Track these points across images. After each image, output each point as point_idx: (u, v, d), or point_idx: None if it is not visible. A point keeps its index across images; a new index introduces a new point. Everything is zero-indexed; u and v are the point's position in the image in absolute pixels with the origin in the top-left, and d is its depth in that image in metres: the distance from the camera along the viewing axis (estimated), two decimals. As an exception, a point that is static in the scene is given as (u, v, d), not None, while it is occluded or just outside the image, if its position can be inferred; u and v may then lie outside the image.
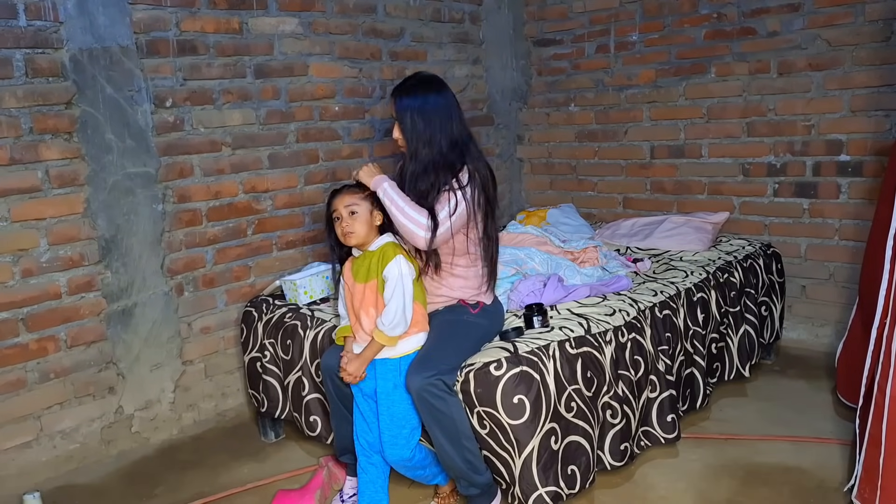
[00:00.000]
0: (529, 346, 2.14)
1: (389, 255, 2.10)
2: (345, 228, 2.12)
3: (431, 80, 2.24)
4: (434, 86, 2.22)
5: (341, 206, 2.13)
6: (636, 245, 3.35)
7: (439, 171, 2.15)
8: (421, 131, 2.16)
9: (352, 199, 2.13)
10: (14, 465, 2.52)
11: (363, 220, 2.13)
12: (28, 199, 2.47)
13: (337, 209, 2.14)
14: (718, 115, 3.55)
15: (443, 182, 2.14)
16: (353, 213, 2.12)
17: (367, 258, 2.14)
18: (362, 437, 2.19)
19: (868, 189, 3.16)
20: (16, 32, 2.38)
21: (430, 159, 2.16)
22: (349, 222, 2.12)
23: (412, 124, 2.17)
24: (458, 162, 2.17)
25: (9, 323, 2.47)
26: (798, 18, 3.23)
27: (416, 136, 2.17)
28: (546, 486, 2.05)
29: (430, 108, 2.17)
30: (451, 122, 2.19)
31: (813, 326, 3.45)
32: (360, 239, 2.13)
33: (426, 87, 2.21)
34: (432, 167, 2.15)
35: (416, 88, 2.20)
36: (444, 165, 2.15)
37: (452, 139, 2.18)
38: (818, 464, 2.41)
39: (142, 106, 2.70)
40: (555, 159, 4.26)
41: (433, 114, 2.17)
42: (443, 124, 2.17)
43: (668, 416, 2.47)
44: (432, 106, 2.17)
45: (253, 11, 2.99)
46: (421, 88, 2.20)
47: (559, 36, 4.10)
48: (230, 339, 3.09)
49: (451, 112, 2.21)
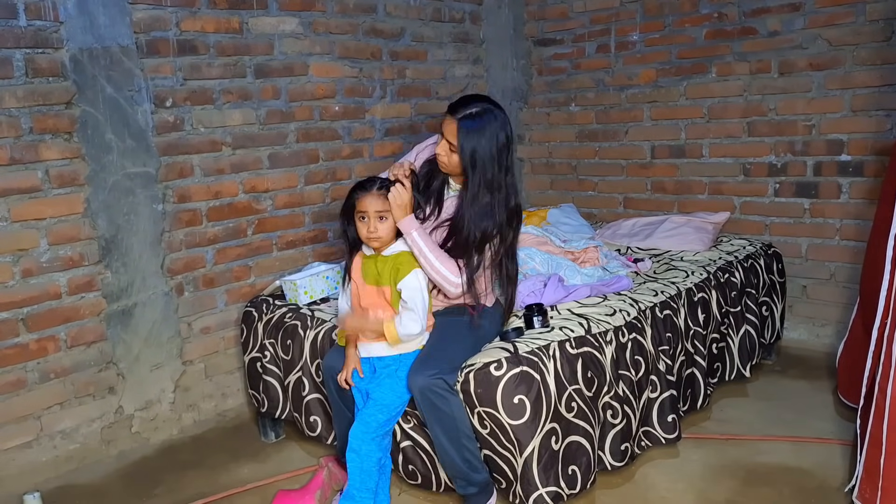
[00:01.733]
0: (530, 346, 2.13)
1: (406, 268, 2.07)
2: (371, 234, 2.08)
3: (497, 109, 2.13)
4: (499, 117, 2.11)
5: (371, 210, 2.07)
6: (637, 245, 3.34)
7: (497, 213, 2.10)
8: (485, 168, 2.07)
9: (384, 206, 2.07)
10: (14, 465, 2.52)
11: (391, 227, 2.10)
12: (28, 199, 2.47)
13: (367, 211, 2.07)
14: (719, 114, 3.55)
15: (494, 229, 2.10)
16: (383, 218, 2.08)
17: (381, 262, 2.13)
18: None
19: (869, 189, 3.16)
20: (16, 32, 2.38)
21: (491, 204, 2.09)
22: (377, 226, 2.07)
23: (475, 156, 2.07)
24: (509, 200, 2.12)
25: (9, 323, 2.46)
26: (799, 18, 3.23)
27: (480, 171, 2.08)
28: (547, 486, 2.05)
29: (494, 143, 2.08)
30: (507, 159, 2.12)
31: (814, 326, 3.45)
32: (384, 244, 2.11)
33: (492, 117, 2.09)
34: (492, 212, 2.09)
35: (483, 116, 2.08)
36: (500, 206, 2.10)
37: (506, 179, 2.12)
38: (819, 464, 2.41)
39: (142, 106, 2.70)
40: (555, 159, 4.26)
41: (495, 149, 2.08)
42: (500, 161, 2.09)
43: (668, 417, 2.47)
44: (496, 140, 2.08)
45: (253, 11, 2.98)
46: (487, 117, 2.08)
47: (560, 35, 4.09)
48: (230, 339, 3.09)
49: (507, 147, 2.12)
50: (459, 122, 2.09)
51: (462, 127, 2.08)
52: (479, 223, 2.10)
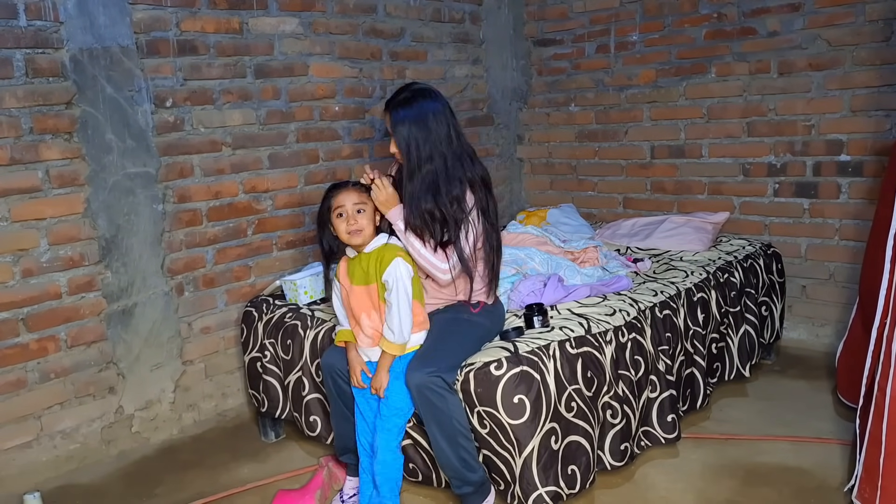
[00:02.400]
0: (530, 345, 2.14)
1: (388, 257, 2.08)
2: (352, 227, 2.08)
3: (425, 91, 2.18)
4: (429, 96, 2.16)
5: (349, 204, 2.08)
6: (636, 245, 3.34)
7: (440, 188, 2.10)
8: (420, 146, 2.11)
9: (360, 198, 2.10)
10: (14, 464, 2.52)
11: (370, 219, 2.11)
12: (28, 199, 2.47)
13: (343, 206, 2.09)
14: (719, 115, 3.55)
15: (446, 202, 2.09)
16: (361, 211, 2.10)
17: (364, 260, 2.13)
18: (363, 437, 2.19)
19: (868, 189, 3.16)
20: (16, 32, 2.38)
21: (431, 178, 2.11)
22: (357, 220, 2.08)
23: (409, 139, 2.12)
24: (459, 175, 2.13)
25: (9, 323, 2.47)
26: (798, 18, 3.23)
27: (415, 151, 2.11)
28: (546, 486, 2.05)
29: (427, 122, 2.11)
30: (449, 134, 2.14)
31: (813, 326, 3.45)
32: (366, 238, 2.11)
33: (421, 99, 2.14)
34: (434, 185, 2.10)
35: (411, 101, 2.14)
36: (445, 181, 2.11)
37: (452, 152, 2.14)
38: (818, 464, 2.41)
39: (142, 106, 2.70)
40: (555, 159, 4.26)
41: (430, 127, 2.11)
42: (440, 137, 2.12)
43: (668, 416, 2.47)
44: (429, 119, 2.12)
45: (253, 11, 2.99)
46: (415, 100, 2.14)
47: (559, 36, 4.10)
48: (230, 339, 3.09)
49: (449, 122, 2.15)
50: (391, 112, 2.16)
51: (393, 116, 2.15)
52: (420, 198, 2.10)
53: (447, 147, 2.13)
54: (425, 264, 2.13)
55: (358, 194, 2.11)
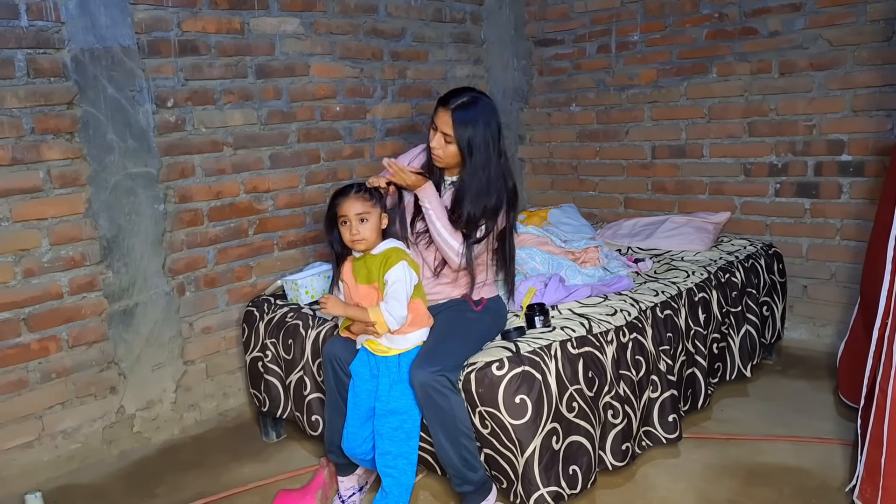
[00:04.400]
0: (531, 345, 2.14)
1: (394, 259, 2.09)
2: (354, 236, 2.09)
3: (486, 97, 2.25)
4: (489, 104, 2.23)
5: (352, 214, 2.09)
6: (637, 245, 3.34)
7: (490, 195, 2.18)
8: (480, 150, 2.17)
9: (363, 207, 2.10)
10: (16, 464, 2.52)
11: (373, 227, 2.11)
12: (30, 200, 2.47)
13: (346, 215, 2.10)
14: (720, 115, 3.55)
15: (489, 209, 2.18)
16: (364, 220, 2.09)
17: (370, 260, 2.14)
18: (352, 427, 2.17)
19: (869, 189, 3.16)
20: (17, 32, 2.38)
21: (487, 182, 2.18)
22: (359, 229, 2.09)
23: (472, 141, 2.17)
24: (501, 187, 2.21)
25: (10, 323, 2.47)
26: (799, 18, 3.23)
27: (476, 154, 2.17)
28: (547, 486, 2.05)
29: (486, 128, 2.18)
30: (499, 145, 2.22)
31: (814, 326, 3.45)
32: (369, 245, 2.12)
33: (483, 105, 2.21)
34: (489, 189, 2.18)
35: (474, 105, 2.19)
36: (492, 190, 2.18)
37: (499, 164, 2.22)
38: (819, 464, 2.41)
39: (143, 106, 2.70)
40: (556, 159, 4.26)
41: (488, 134, 2.18)
42: (492, 145, 2.19)
43: (669, 416, 2.47)
44: (488, 125, 2.19)
45: (254, 12, 2.99)
46: (478, 105, 2.20)
47: (560, 36, 4.10)
48: (231, 338, 3.09)
49: (498, 132, 2.23)
50: (453, 112, 2.18)
51: (456, 117, 2.17)
52: (478, 202, 2.19)
53: (496, 157, 2.21)
54: (440, 241, 2.19)
55: (362, 203, 2.10)
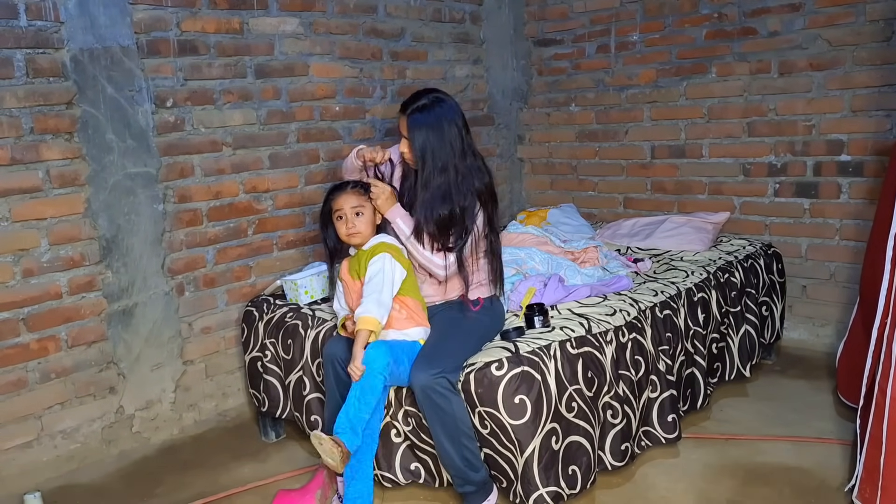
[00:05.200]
0: (530, 346, 2.14)
1: (377, 252, 2.15)
2: (350, 229, 2.16)
3: (443, 99, 2.22)
4: (446, 105, 2.21)
5: (347, 207, 2.16)
6: (637, 245, 3.34)
7: (453, 198, 2.16)
8: (435, 155, 2.16)
9: (358, 201, 2.17)
10: (15, 464, 2.52)
11: (368, 221, 2.18)
12: (29, 199, 2.47)
13: (342, 209, 2.17)
14: (719, 115, 3.55)
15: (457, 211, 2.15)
16: (359, 214, 2.16)
17: (361, 256, 2.19)
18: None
19: (869, 189, 3.16)
20: (16, 32, 2.38)
21: (445, 188, 2.16)
22: (355, 223, 2.16)
23: (426, 146, 2.16)
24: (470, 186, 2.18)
25: (9, 323, 2.47)
26: (799, 18, 3.23)
27: (430, 159, 2.16)
28: (547, 486, 2.05)
29: (442, 130, 2.16)
30: (462, 145, 2.19)
31: (814, 326, 3.45)
32: (364, 238, 2.18)
33: (438, 107, 2.19)
34: (447, 195, 2.16)
35: (430, 107, 2.18)
36: (458, 191, 2.16)
37: (464, 163, 2.19)
38: (819, 464, 2.41)
39: (142, 106, 2.70)
40: (555, 159, 4.26)
41: (446, 136, 2.16)
42: (455, 147, 2.17)
43: (668, 416, 2.47)
44: (445, 128, 2.17)
45: (254, 11, 2.99)
46: (434, 107, 2.18)
47: (560, 36, 4.10)
48: (231, 338, 3.09)
49: (462, 132, 2.20)
50: (408, 116, 2.20)
51: (410, 121, 2.19)
52: (434, 207, 2.15)
53: (460, 157, 2.19)
54: (423, 261, 2.20)
55: (357, 197, 2.18)
